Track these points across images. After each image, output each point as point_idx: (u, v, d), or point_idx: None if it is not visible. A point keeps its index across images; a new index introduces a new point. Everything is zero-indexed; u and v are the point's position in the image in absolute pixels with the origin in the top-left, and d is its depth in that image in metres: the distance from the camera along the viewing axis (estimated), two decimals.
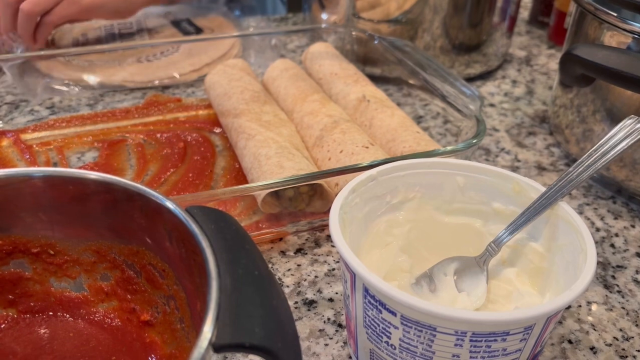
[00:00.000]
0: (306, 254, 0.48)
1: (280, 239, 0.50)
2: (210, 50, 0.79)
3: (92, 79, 0.72)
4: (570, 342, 0.41)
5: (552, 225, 0.36)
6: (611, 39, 0.53)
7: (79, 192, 0.32)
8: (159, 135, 0.62)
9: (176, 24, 0.87)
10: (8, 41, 0.72)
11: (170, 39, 0.82)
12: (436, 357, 0.31)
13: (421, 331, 0.30)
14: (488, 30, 0.75)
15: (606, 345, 0.41)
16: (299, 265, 0.47)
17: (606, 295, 0.45)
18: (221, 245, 0.27)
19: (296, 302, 0.44)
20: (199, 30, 0.85)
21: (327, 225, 0.51)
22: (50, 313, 0.36)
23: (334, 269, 0.47)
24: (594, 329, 0.42)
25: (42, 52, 0.71)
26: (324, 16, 0.79)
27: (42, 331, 0.35)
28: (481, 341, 0.29)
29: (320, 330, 0.41)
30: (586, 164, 0.36)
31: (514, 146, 0.65)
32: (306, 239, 0.50)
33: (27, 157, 0.58)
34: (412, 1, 0.71)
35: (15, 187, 0.32)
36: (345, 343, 0.40)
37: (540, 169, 0.61)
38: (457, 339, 0.29)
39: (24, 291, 0.35)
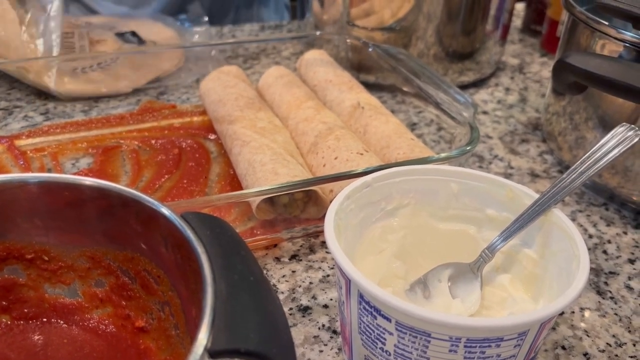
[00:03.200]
0: (301, 260, 0.48)
1: (275, 245, 0.50)
2: (154, 63, 0.77)
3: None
4: (563, 348, 0.42)
5: (545, 231, 0.37)
6: (603, 47, 0.53)
7: (75, 198, 0.32)
8: (153, 141, 0.62)
9: (120, 35, 0.85)
10: None
11: (141, 48, 0.80)
12: None
13: (416, 337, 0.30)
14: (481, 38, 0.76)
15: (599, 351, 0.41)
16: (293, 271, 0.47)
17: (599, 302, 0.46)
18: (216, 251, 0.27)
19: (291, 309, 0.44)
20: (141, 42, 0.83)
21: (321, 232, 0.51)
22: (44, 319, 0.35)
23: (328, 275, 0.47)
24: (587, 335, 0.43)
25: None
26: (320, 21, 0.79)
27: (36, 338, 0.35)
28: (475, 347, 0.29)
29: (315, 337, 0.41)
30: (579, 171, 0.37)
31: (507, 153, 0.65)
32: (301, 245, 0.50)
33: (21, 163, 0.58)
34: (406, 9, 0.71)
35: (10, 192, 0.32)
36: (340, 349, 0.40)
37: (534, 175, 0.61)
38: (452, 345, 0.29)
39: (18, 297, 0.35)
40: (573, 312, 0.45)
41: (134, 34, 0.84)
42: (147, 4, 1.01)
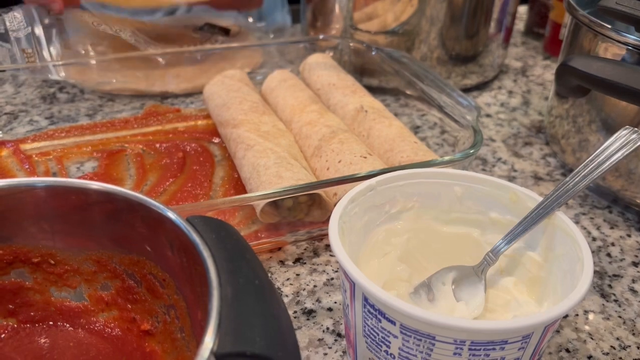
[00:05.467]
0: (305, 263, 0.49)
1: (279, 249, 0.50)
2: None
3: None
4: (567, 350, 0.42)
5: (549, 234, 0.37)
6: (606, 50, 0.53)
7: (81, 202, 0.32)
8: (158, 145, 0.63)
9: (199, 29, 0.85)
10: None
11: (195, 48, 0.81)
12: None
13: (420, 340, 0.30)
14: (484, 41, 0.76)
15: (603, 354, 0.41)
16: (297, 274, 0.47)
17: (603, 305, 0.46)
18: (222, 255, 0.28)
19: (295, 312, 0.44)
20: (225, 31, 0.83)
21: (325, 235, 0.51)
22: (51, 323, 0.36)
23: (332, 279, 0.47)
24: (591, 338, 0.43)
25: (60, 62, 0.72)
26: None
27: (42, 341, 0.35)
28: (480, 350, 0.30)
29: (319, 340, 0.41)
30: (582, 174, 0.37)
31: (510, 156, 0.65)
32: (305, 249, 0.50)
33: (27, 167, 0.58)
34: (409, 12, 0.72)
35: (18, 197, 0.32)
36: (344, 352, 0.40)
37: (537, 178, 0.61)
38: (456, 348, 0.30)
39: (25, 301, 0.36)
40: (577, 315, 0.45)
41: (212, 25, 0.84)
42: (157, 12, 1.02)
